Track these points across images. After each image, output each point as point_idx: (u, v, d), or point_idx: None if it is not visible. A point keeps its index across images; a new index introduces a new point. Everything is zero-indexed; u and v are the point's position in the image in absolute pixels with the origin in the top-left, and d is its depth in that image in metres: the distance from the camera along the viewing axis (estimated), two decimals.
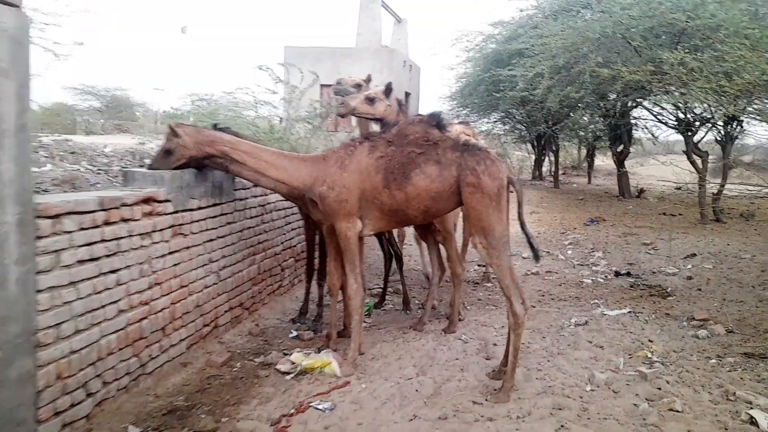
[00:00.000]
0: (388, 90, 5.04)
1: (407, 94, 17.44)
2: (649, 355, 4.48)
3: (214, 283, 4.59)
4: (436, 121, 4.17)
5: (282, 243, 6.02)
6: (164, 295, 3.89)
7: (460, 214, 5.81)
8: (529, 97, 12.00)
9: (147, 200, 3.67)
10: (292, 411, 3.47)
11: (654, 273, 7.55)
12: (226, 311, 4.81)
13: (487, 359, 4.45)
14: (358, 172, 3.97)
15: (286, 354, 4.46)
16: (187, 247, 4.17)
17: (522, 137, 24.08)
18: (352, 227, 4.04)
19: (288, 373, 4.06)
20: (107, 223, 3.28)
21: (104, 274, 3.27)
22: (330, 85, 16.47)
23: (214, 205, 4.54)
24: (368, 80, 5.85)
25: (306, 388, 3.86)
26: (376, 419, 3.40)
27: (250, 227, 5.22)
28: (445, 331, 5.10)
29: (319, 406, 3.51)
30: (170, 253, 3.95)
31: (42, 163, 6.49)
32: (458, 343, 4.81)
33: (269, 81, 10.81)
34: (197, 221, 4.29)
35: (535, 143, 22.90)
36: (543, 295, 6.57)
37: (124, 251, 3.45)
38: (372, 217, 4.07)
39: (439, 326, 5.24)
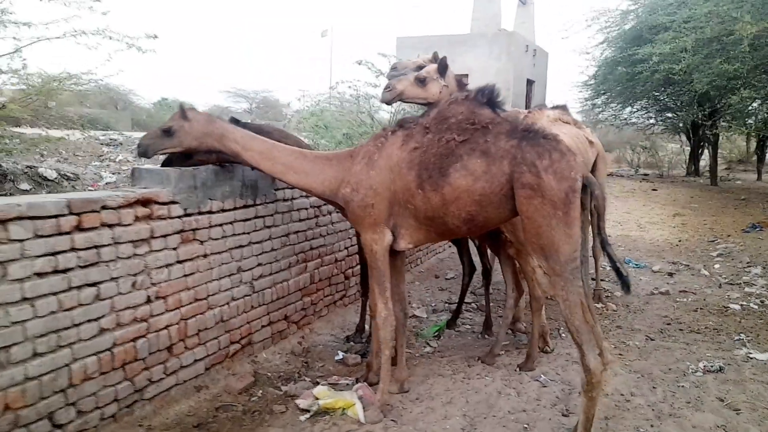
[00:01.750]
0: (442, 67, 4.13)
1: (530, 82, 15.92)
2: None
3: (246, 295, 4.05)
4: (486, 97, 3.20)
5: (346, 248, 5.37)
6: (170, 310, 3.40)
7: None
8: (672, 77, 10.11)
9: (144, 202, 3.19)
10: None
11: None
12: (263, 326, 4.26)
13: (564, 416, 3.38)
14: (388, 169, 3.15)
15: (319, 383, 3.79)
16: (205, 255, 3.65)
17: (674, 126, 21.14)
18: (379, 239, 3.23)
19: (306, 411, 3.37)
20: (81, 229, 2.83)
21: (77, 288, 2.83)
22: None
23: (245, 207, 3.99)
24: (435, 59, 4.92)
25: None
26: None
27: (298, 231, 4.62)
28: (520, 367, 4.09)
29: None
30: (179, 262, 3.44)
31: None
32: (532, 387, 3.78)
33: (370, 75, 10.25)
34: (219, 225, 3.75)
35: (690, 133, 19.94)
36: (668, 324, 5.20)
37: (108, 261, 2.98)
38: (407, 226, 3.21)
39: (517, 359, 4.24)
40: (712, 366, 4.07)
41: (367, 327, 4.67)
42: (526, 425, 3.25)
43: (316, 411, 3.32)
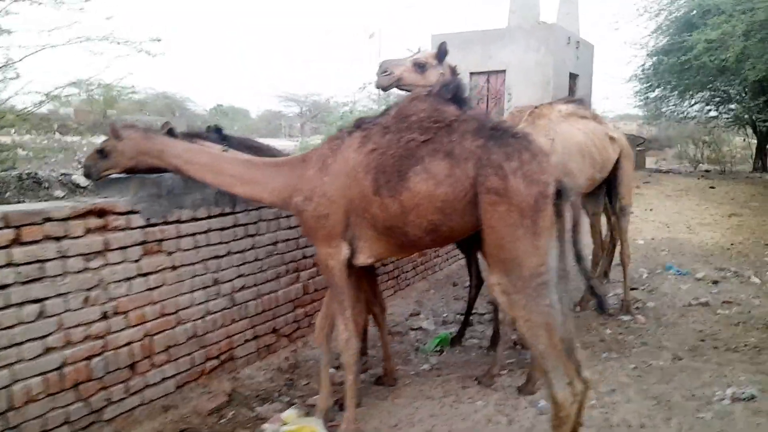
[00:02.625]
0: (441, 53, 3.74)
1: (573, 76, 15.14)
2: None
3: (225, 308, 3.85)
4: (451, 93, 2.84)
5: None
6: (132, 326, 3.22)
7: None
8: (725, 65, 9.29)
9: (99, 212, 3.03)
10: None
11: None
12: (247, 341, 4.05)
13: None
14: (344, 175, 2.83)
15: (295, 403, 3.54)
16: (174, 267, 3.46)
17: (737, 119, 19.75)
18: (335, 254, 2.91)
19: None
20: (20, 243, 2.68)
21: (17, 305, 2.68)
22: (479, 73, 15.16)
23: (222, 215, 3.79)
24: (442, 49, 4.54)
25: None
26: None
27: (288, 239, 4.39)
28: (519, 390, 3.69)
29: None
30: (142, 275, 3.27)
31: None
32: (528, 414, 3.39)
33: None
34: (191, 235, 3.56)
35: (756, 126, 18.55)
36: (702, 340, 4.65)
37: (55, 276, 2.83)
38: (365, 238, 2.88)
39: (519, 380, 3.84)
40: (743, 393, 3.54)
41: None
42: None
43: None
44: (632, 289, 6.22)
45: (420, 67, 3.73)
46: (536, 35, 13.55)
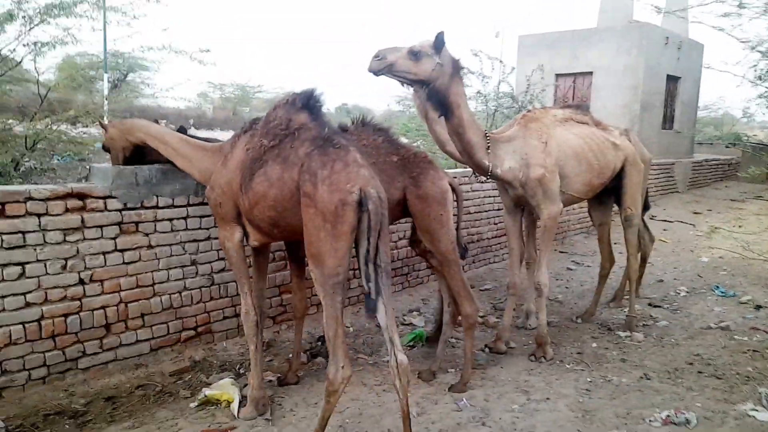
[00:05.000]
0: (438, 42, 3.65)
1: (673, 78, 13.97)
2: None
3: (203, 287, 4.35)
4: (303, 101, 3.05)
5: None
6: (107, 293, 3.82)
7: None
8: None
9: (79, 195, 3.65)
10: None
11: None
12: (226, 318, 4.53)
13: None
14: (233, 169, 3.20)
15: (243, 374, 3.96)
16: (150, 246, 4.02)
17: None
18: (230, 236, 3.31)
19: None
20: (5, 216, 3.35)
21: (0, 266, 3.35)
22: (566, 75, 14.63)
23: (202, 204, 4.29)
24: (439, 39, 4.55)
25: (191, 422, 3.30)
26: None
27: None
28: (450, 388, 3.79)
29: None
30: (118, 250, 3.86)
31: None
32: (443, 409, 3.52)
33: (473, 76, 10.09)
34: (168, 220, 4.11)
35: None
36: (690, 364, 4.40)
37: (36, 245, 3.48)
38: (247, 225, 3.26)
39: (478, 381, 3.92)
40: (680, 420, 3.34)
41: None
42: None
43: (201, 400, 3.48)
44: (655, 306, 5.90)
45: (414, 55, 3.63)
46: (627, 36, 12.76)
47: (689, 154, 16.03)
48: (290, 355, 4.16)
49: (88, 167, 4.16)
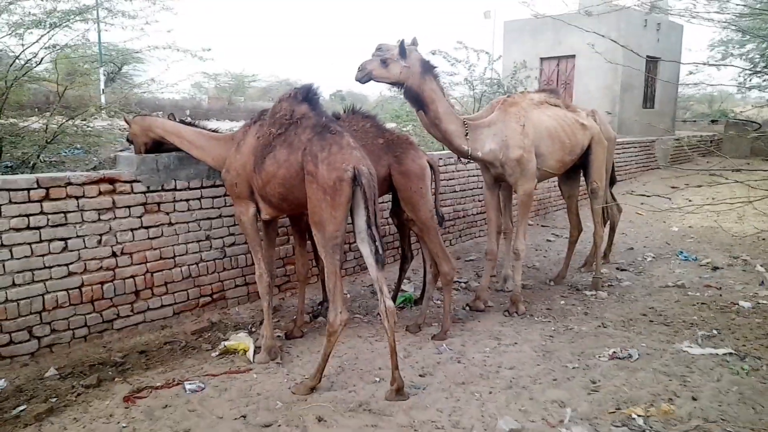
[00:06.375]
0: (401, 50, 4.35)
1: (651, 60, 14.52)
2: (635, 417, 3.08)
3: (217, 258, 4.96)
4: (302, 95, 3.65)
5: None
6: (136, 264, 4.43)
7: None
8: None
9: (110, 180, 4.24)
10: (159, 384, 3.61)
11: None
12: (237, 286, 5.14)
13: (420, 375, 3.74)
14: (246, 154, 3.80)
15: (254, 331, 4.58)
16: (171, 224, 4.62)
17: None
18: (245, 211, 3.94)
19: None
20: (50, 199, 3.94)
21: (48, 241, 3.95)
22: (550, 58, 15.16)
23: (214, 186, 4.88)
24: (414, 44, 5.20)
25: (214, 366, 3.93)
26: (216, 412, 3.28)
27: None
28: (433, 337, 4.42)
29: (188, 386, 3.56)
30: (144, 227, 4.46)
31: None
32: (425, 353, 4.17)
33: (446, 64, 10.62)
34: (185, 201, 4.70)
35: None
36: (644, 314, 5.03)
37: (75, 223, 4.07)
38: (259, 200, 3.87)
39: (456, 332, 4.54)
40: (623, 354, 3.99)
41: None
42: (378, 378, 3.67)
43: (221, 350, 4.11)
44: (622, 270, 6.53)
45: (383, 62, 4.38)
46: (606, 19, 13.28)
47: (670, 132, 16.64)
48: (295, 317, 4.78)
49: (113, 156, 4.74)
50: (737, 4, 4.85)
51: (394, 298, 5.26)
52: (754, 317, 4.85)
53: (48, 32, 5.41)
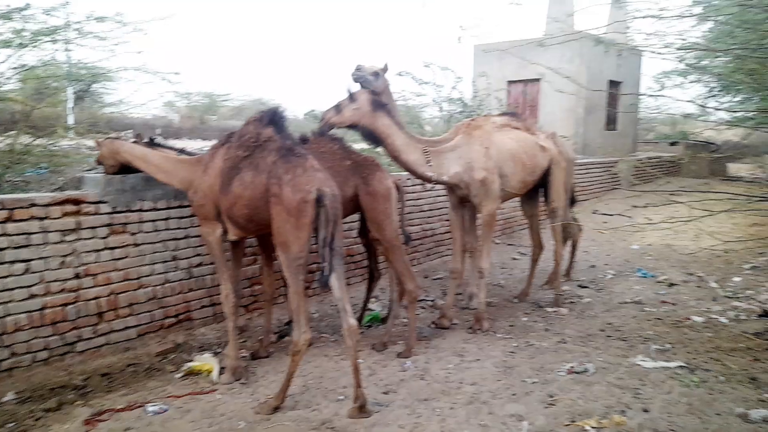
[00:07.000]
0: (350, 95, 4.64)
1: (614, 83, 15.08)
2: (589, 429, 3.20)
3: (183, 279, 4.96)
4: (268, 119, 3.76)
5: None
6: (100, 286, 4.41)
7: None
8: None
9: (75, 201, 4.24)
10: (121, 407, 3.60)
11: None
12: (204, 306, 5.14)
13: (384, 393, 3.81)
14: (213, 176, 3.86)
15: (220, 352, 4.59)
16: (136, 244, 4.62)
17: None
18: (211, 232, 3.98)
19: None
20: (13, 220, 3.92)
21: (9, 262, 3.92)
22: (516, 81, 15.56)
23: (181, 207, 4.91)
24: (385, 69, 5.37)
25: (178, 388, 3.93)
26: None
27: None
28: (399, 354, 4.50)
29: (150, 408, 3.56)
30: (109, 248, 4.45)
31: None
32: (390, 371, 4.25)
33: (414, 84, 10.84)
34: (151, 221, 4.71)
35: None
36: (602, 330, 5.20)
37: (39, 245, 4.05)
38: (226, 221, 3.92)
39: (422, 351, 4.62)
40: (580, 368, 4.13)
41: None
42: (342, 396, 3.73)
43: (186, 371, 4.12)
44: (584, 287, 6.73)
45: (336, 108, 4.66)
46: (570, 45, 13.79)
47: (632, 153, 17.19)
48: (261, 337, 4.80)
49: (79, 177, 4.73)
50: (681, 40, 5.14)
51: (361, 317, 5.34)
52: (705, 332, 5.06)
53: (16, 52, 5.40)
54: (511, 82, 15.25)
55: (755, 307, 5.73)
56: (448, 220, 8.12)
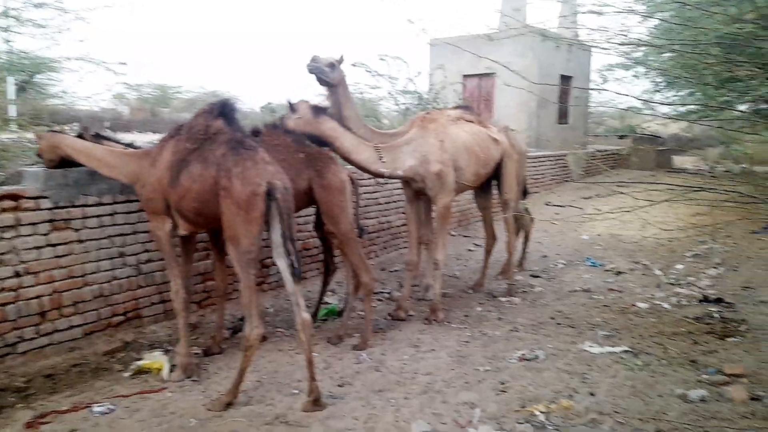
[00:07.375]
0: (291, 106, 4.71)
1: (566, 78, 15.47)
2: (538, 413, 3.29)
3: (131, 276, 4.82)
4: (218, 111, 3.71)
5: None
6: (41, 284, 4.23)
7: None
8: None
9: (13, 196, 4.04)
10: (65, 408, 3.48)
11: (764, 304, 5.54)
12: (153, 303, 5.01)
13: (339, 386, 3.80)
14: (162, 169, 3.76)
15: (170, 350, 4.48)
16: (81, 241, 4.45)
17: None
18: (160, 226, 3.87)
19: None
20: None
21: None
22: (472, 76, 15.72)
23: (128, 201, 4.75)
24: (341, 61, 5.33)
25: (127, 387, 3.82)
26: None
27: None
28: (354, 347, 4.50)
29: (97, 409, 3.45)
30: (51, 245, 4.27)
31: None
32: (345, 363, 4.25)
33: (369, 77, 10.81)
34: (96, 217, 4.55)
35: None
36: (552, 318, 5.33)
37: None
38: (176, 215, 3.84)
39: (378, 343, 4.62)
40: (531, 356, 4.23)
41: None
42: (297, 390, 3.71)
43: (135, 370, 4.01)
44: (536, 277, 6.88)
45: (285, 120, 4.71)
46: (521, 40, 14.05)
47: (583, 146, 17.68)
48: (214, 333, 4.72)
49: (18, 171, 4.52)
50: (624, 36, 5.28)
51: (317, 311, 5.31)
52: (649, 317, 5.26)
53: None
54: (466, 76, 15.42)
55: (696, 293, 5.99)
56: (404, 213, 8.18)
